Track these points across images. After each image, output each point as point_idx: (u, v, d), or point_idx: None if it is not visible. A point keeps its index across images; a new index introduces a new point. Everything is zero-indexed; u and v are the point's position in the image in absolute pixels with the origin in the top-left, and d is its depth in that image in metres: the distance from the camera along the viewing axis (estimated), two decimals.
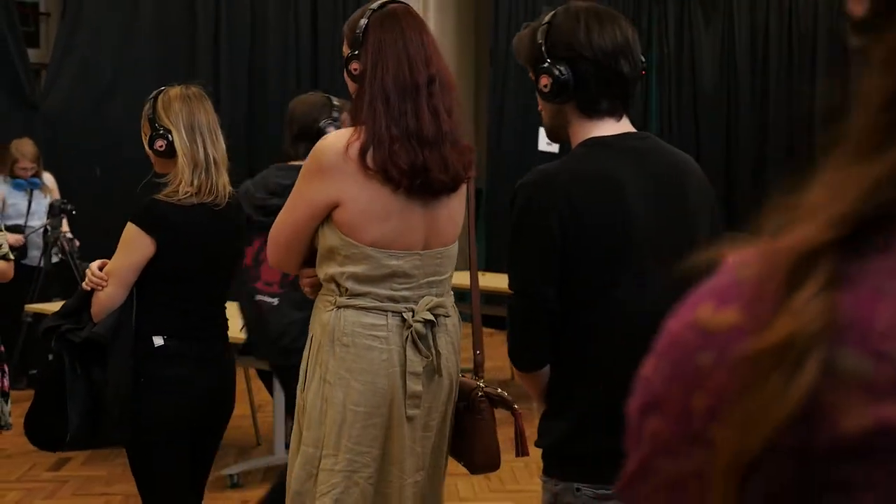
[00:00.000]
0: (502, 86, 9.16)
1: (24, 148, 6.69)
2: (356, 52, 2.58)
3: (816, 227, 0.47)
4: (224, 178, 3.14)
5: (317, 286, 2.67)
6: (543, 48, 2.16)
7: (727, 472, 0.46)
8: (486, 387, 2.74)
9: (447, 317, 2.67)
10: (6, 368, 3.89)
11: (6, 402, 3.87)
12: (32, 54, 8.37)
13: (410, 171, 2.52)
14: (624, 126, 2.19)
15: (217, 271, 3.21)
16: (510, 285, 2.21)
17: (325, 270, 2.60)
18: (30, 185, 6.67)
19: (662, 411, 0.51)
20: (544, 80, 2.16)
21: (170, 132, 3.07)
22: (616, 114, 2.18)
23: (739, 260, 0.52)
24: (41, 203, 6.70)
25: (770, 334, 0.46)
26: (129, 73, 7.91)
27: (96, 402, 3.06)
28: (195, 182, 3.05)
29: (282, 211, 2.67)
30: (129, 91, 7.59)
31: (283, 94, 7.73)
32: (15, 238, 6.14)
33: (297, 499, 2.61)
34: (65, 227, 6.47)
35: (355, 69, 2.58)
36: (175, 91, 3.14)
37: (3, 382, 3.86)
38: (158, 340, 3.07)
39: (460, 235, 2.75)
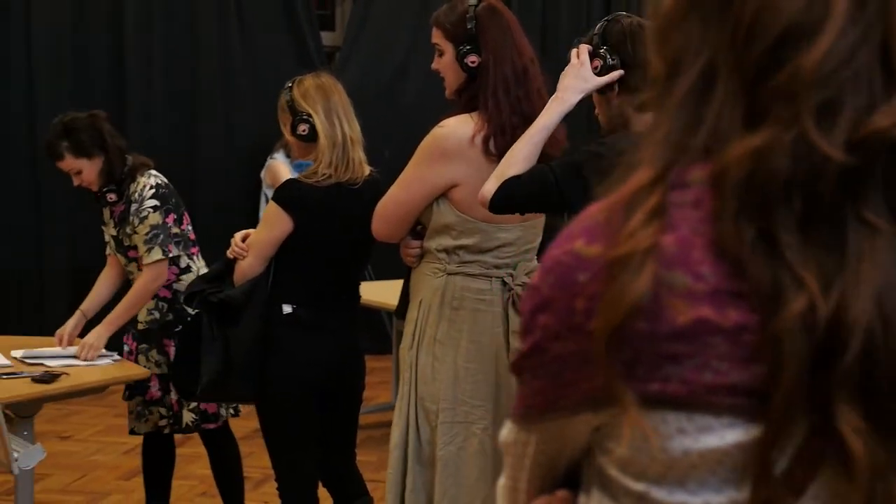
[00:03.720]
0: None
1: None
2: (470, 47, 2.78)
3: (641, 173, 0.77)
4: (360, 156, 3.28)
5: (420, 256, 2.90)
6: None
7: (599, 339, 0.74)
8: None
9: None
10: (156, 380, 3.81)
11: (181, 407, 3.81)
12: (327, 37, 7.96)
13: None
14: None
15: (350, 248, 3.32)
16: (558, 165, 2.46)
17: (439, 242, 2.84)
18: (306, 167, 6.66)
19: (551, 310, 0.78)
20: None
21: (311, 116, 3.20)
22: None
23: (598, 206, 0.79)
24: None
25: (617, 249, 0.75)
26: (423, 52, 7.14)
27: (228, 360, 3.21)
28: (333, 162, 3.20)
29: (394, 187, 2.88)
30: (422, 72, 7.17)
31: None
32: None
33: (427, 448, 2.85)
34: None
35: (473, 62, 2.78)
36: (309, 80, 3.28)
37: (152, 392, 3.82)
38: (287, 308, 3.22)
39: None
